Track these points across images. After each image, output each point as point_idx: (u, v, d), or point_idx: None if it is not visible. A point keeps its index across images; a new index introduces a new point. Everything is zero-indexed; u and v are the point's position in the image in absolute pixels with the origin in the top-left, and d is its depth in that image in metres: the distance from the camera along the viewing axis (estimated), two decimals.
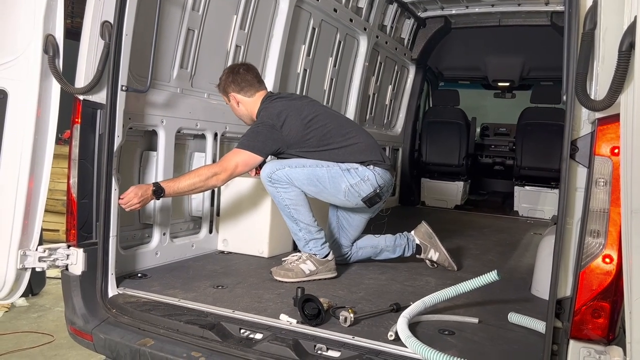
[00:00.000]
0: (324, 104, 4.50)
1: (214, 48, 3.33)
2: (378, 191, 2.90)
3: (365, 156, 2.93)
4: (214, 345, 2.07)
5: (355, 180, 2.87)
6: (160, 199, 2.68)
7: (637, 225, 1.50)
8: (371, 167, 2.91)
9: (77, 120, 2.37)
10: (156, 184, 2.64)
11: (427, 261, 3.24)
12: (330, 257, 2.90)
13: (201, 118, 3.21)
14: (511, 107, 7.19)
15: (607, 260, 1.63)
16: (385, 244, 3.20)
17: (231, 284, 2.70)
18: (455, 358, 1.78)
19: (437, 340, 2.04)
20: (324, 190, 2.88)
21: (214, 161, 3.32)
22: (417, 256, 3.22)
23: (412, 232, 3.26)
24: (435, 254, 3.19)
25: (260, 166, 2.98)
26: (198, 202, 3.34)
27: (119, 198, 2.53)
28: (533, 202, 6.00)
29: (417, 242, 3.21)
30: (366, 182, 2.88)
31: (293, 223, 2.88)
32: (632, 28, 1.48)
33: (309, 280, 2.79)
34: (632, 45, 1.47)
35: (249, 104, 3.01)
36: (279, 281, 2.77)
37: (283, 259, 2.96)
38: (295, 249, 3.51)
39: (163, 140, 2.96)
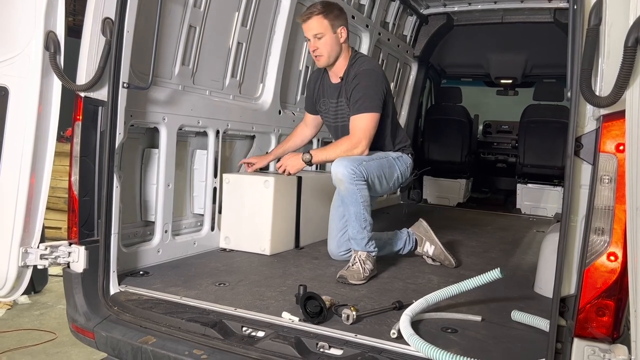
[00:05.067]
0: None
1: (215, 45, 3.32)
2: (412, 177, 3.17)
3: (408, 142, 3.23)
4: (216, 343, 2.06)
5: (403, 168, 3.09)
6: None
7: None
8: (409, 154, 3.18)
9: (78, 117, 2.37)
10: (306, 156, 2.91)
11: (425, 258, 3.24)
12: (376, 255, 2.92)
13: (203, 115, 3.20)
14: (514, 104, 7.16)
15: (612, 258, 1.61)
16: (387, 236, 3.23)
17: (233, 282, 2.69)
18: (458, 356, 1.77)
19: (440, 338, 2.03)
20: (383, 180, 2.98)
21: (215, 159, 3.32)
22: (415, 252, 3.24)
23: (410, 228, 3.30)
24: (431, 247, 3.20)
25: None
26: (200, 200, 3.34)
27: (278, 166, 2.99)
28: (536, 199, 5.98)
29: (415, 236, 3.25)
30: (408, 169, 3.13)
31: (362, 220, 2.84)
32: (637, 23, 1.46)
33: (373, 281, 2.79)
34: (637, 41, 1.46)
35: (345, 47, 3.03)
36: (354, 284, 2.71)
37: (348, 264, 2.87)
38: (297, 246, 3.52)
39: (165, 137, 2.95)
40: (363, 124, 2.89)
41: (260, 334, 2.10)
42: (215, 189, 3.35)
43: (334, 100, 3.10)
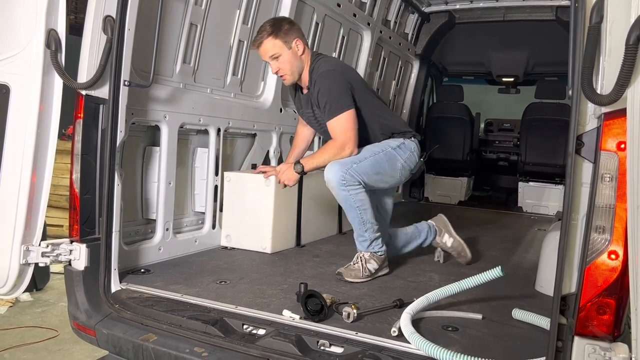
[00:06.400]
0: None
1: (216, 43, 3.32)
2: (422, 160, 3.07)
3: (405, 127, 3.11)
4: (217, 341, 2.06)
5: (406, 155, 2.97)
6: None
7: None
8: (411, 138, 3.05)
9: (79, 115, 2.37)
10: (298, 166, 2.89)
11: (438, 252, 3.23)
12: (384, 254, 2.89)
13: (204, 113, 3.20)
14: (515, 102, 7.14)
15: (613, 256, 1.61)
16: (412, 230, 3.21)
17: (234, 280, 2.70)
18: (459, 354, 1.77)
19: (441, 337, 2.03)
20: (385, 175, 2.91)
21: (216, 157, 3.32)
22: (433, 242, 3.22)
23: (430, 220, 3.28)
24: (449, 239, 3.20)
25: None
26: (201, 198, 3.34)
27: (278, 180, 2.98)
28: (537, 198, 5.97)
29: (435, 227, 3.24)
30: (413, 154, 3.02)
31: (361, 224, 2.80)
32: (639, 21, 1.45)
33: (374, 279, 2.79)
34: (639, 39, 1.45)
35: (306, 55, 2.93)
36: (350, 282, 2.72)
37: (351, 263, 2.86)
38: (298, 244, 3.52)
39: (166, 135, 2.95)
40: (340, 126, 2.81)
41: (261, 331, 2.10)
42: (216, 187, 3.35)
43: (310, 110, 3.04)
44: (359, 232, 2.83)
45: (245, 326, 2.14)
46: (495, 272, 2.20)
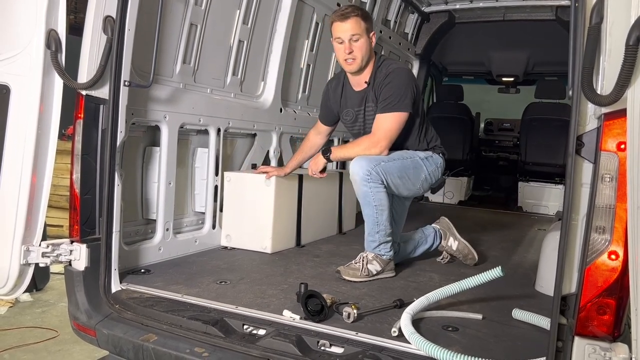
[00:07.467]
0: None
1: (216, 43, 3.31)
2: (444, 177, 3.08)
3: (437, 142, 3.11)
4: (217, 341, 2.06)
5: (432, 168, 2.98)
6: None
7: None
8: (439, 154, 3.07)
9: (79, 115, 2.37)
10: (326, 155, 2.93)
11: (444, 253, 3.23)
12: (391, 258, 2.87)
13: (204, 113, 3.20)
14: (515, 102, 7.16)
15: (613, 256, 1.61)
16: (419, 235, 3.22)
17: (234, 280, 2.70)
18: (459, 355, 1.77)
19: (441, 337, 2.03)
20: (407, 182, 2.88)
21: (217, 157, 3.32)
22: (439, 246, 3.23)
23: (433, 224, 3.29)
24: (454, 242, 3.20)
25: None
26: (201, 198, 3.34)
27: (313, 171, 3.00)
28: (537, 197, 5.98)
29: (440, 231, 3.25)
30: (439, 169, 3.03)
31: (374, 224, 2.79)
32: (639, 22, 1.45)
33: (374, 280, 2.78)
34: (639, 40, 1.45)
35: (372, 52, 2.94)
36: (348, 280, 2.72)
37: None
38: (298, 244, 3.52)
39: (166, 135, 2.95)
40: (386, 124, 2.80)
41: (262, 332, 2.10)
42: (216, 187, 3.35)
43: (360, 108, 3.00)
44: (370, 232, 2.82)
45: (245, 326, 2.14)
46: (495, 272, 2.20)
